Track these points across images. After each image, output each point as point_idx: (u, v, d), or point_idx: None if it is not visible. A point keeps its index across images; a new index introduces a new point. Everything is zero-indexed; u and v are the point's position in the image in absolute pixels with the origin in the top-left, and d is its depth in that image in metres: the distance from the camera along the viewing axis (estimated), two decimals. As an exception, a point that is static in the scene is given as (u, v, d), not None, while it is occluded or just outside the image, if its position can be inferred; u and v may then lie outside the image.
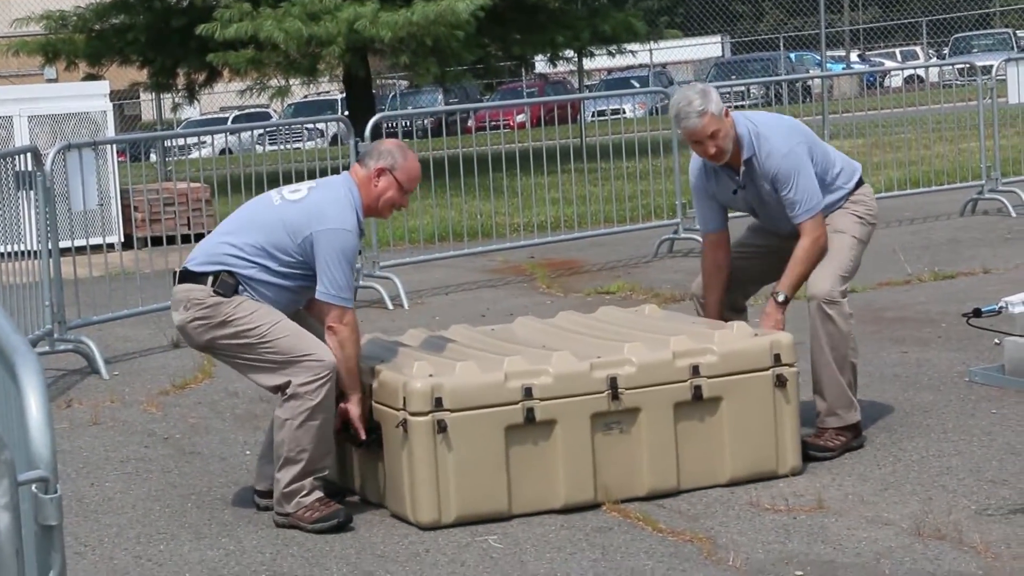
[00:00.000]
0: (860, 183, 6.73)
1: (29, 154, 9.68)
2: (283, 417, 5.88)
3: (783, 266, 6.52)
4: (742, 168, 6.47)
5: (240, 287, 5.90)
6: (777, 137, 6.43)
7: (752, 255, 6.82)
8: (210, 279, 5.90)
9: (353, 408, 5.95)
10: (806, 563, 5.25)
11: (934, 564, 5.15)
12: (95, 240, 11.63)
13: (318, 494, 5.92)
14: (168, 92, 25.32)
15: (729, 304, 6.78)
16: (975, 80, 15.34)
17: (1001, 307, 6.36)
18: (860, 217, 6.66)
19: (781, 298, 6.41)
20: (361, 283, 11.31)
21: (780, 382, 6.13)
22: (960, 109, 17.99)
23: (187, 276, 5.98)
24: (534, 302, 10.91)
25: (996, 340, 7.91)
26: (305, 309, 6.15)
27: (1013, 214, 13.90)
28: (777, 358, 6.13)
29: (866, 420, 6.77)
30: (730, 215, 6.81)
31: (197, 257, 6.02)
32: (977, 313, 5.97)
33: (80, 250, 10.63)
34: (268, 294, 5.94)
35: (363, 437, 5.96)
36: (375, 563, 5.50)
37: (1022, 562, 5.12)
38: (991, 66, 15.42)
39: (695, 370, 6.00)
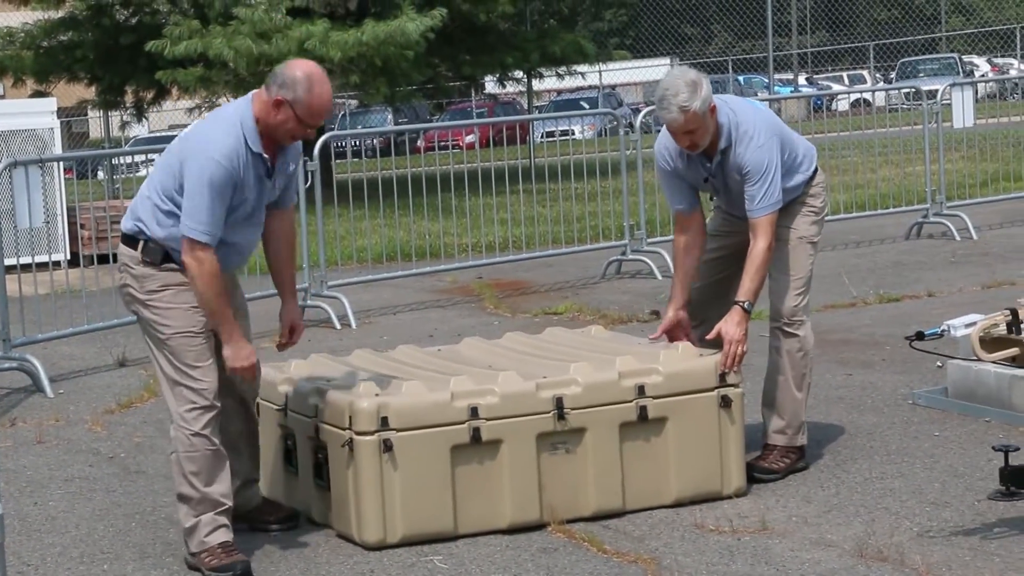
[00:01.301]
0: (816, 169, 6.76)
1: (-25, 171, 9.62)
2: (170, 451, 5.75)
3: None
4: (716, 157, 6.46)
5: (167, 253, 5.62)
6: (754, 131, 6.39)
7: (718, 259, 6.78)
8: (140, 244, 5.66)
9: (225, 351, 5.64)
10: (750, 584, 5.28)
11: (876, 585, 5.20)
12: (41, 258, 11.56)
13: (223, 538, 5.68)
14: (116, 110, 25.24)
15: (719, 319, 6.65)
16: (921, 104, 15.47)
17: (943, 330, 6.39)
18: (816, 213, 6.69)
19: (748, 307, 6.33)
20: (309, 303, 11.30)
21: (725, 403, 6.16)
22: (906, 133, 18.13)
23: (123, 235, 5.75)
24: (482, 322, 10.92)
25: (938, 363, 7.98)
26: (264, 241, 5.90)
27: (958, 238, 14.02)
28: (722, 378, 6.17)
29: (810, 442, 6.81)
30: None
31: (127, 217, 5.78)
32: (920, 336, 6.01)
33: (25, 267, 10.56)
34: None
35: (235, 370, 5.65)
36: (320, 583, 5.51)
37: (963, 583, 5.17)
38: (936, 91, 15.56)
39: (640, 390, 6.02)
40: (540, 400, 5.89)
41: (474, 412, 5.81)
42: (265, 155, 5.62)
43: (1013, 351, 7.10)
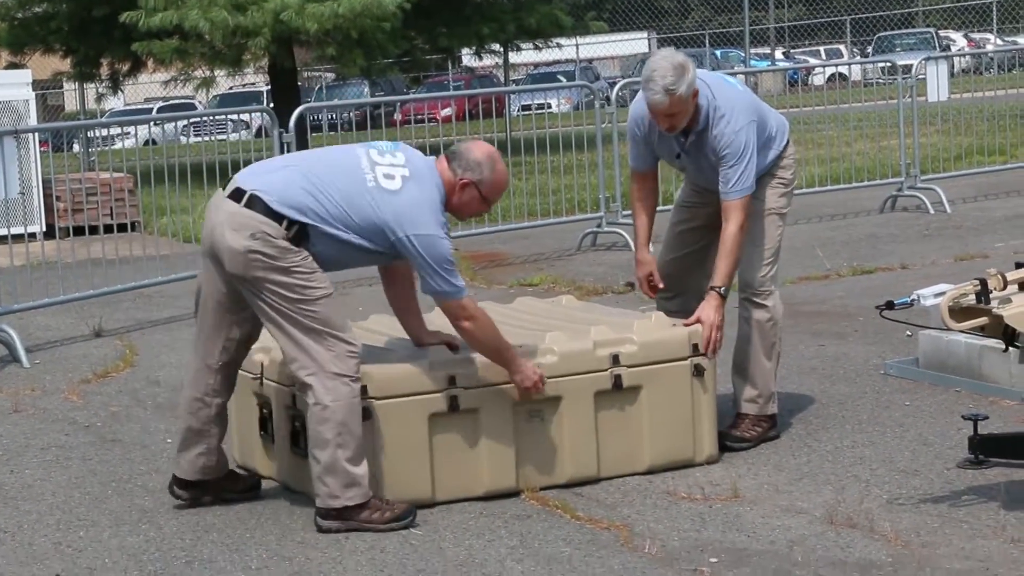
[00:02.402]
0: (788, 142, 6.77)
1: (-50, 141, 9.61)
2: (325, 402, 5.61)
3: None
4: (691, 137, 6.48)
5: (311, 241, 5.70)
6: (733, 115, 6.40)
7: (691, 230, 6.83)
8: (285, 222, 5.64)
9: (515, 378, 5.85)
10: (720, 550, 5.33)
11: (845, 552, 5.25)
12: (16, 229, 11.55)
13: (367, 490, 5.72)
14: (92, 82, 25.16)
15: (697, 294, 6.62)
16: (896, 79, 15.52)
17: (913, 299, 6.44)
18: (785, 185, 6.72)
19: (724, 291, 6.38)
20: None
21: (698, 372, 6.21)
22: (881, 107, 18.18)
23: (256, 203, 5.67)
24: (457, 294, 10.93)
25: (908, 332, 8.04)
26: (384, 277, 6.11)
27: (931, 211, 14.08)
28: (695, 348, 6.22)
29: (782, 411, 6.87)
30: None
31: (273, 192, 5.68)
32: (890, 305, 6.06)
33: (1, 239, 10.56)
34: (335, 249, 5.74)
35: (529, 389, 5.86)
36: (295, 549, 5.54)
37: (931, 550, 5.23)
38: (911, 65, 15.61)
39: (615, 359, 6.07)
40: (517, 369, 5.93)
41: (452, 380, 5.85)
42: None
43: (982, 320, 7.13)
